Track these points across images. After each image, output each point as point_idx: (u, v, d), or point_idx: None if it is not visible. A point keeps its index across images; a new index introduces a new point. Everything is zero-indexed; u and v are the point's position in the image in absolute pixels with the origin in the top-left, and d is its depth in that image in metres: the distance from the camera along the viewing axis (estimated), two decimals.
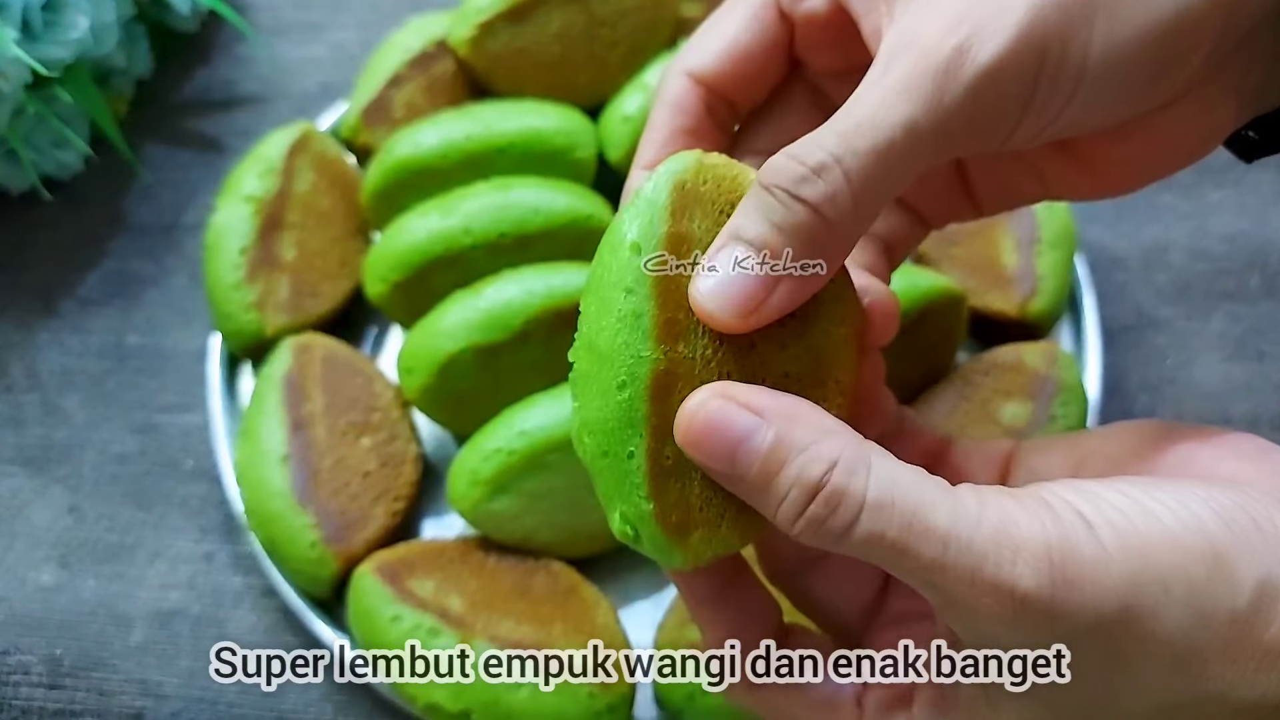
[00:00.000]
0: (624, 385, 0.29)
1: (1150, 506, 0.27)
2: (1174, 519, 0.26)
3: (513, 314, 0.54)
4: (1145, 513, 0.26)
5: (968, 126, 0.28)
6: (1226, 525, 0.26)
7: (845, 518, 0.26)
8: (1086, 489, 0.28)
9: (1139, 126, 0.32)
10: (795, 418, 0.27)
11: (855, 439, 0.28)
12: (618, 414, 0.29)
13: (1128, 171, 0.35)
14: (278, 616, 0.58)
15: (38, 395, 0.66)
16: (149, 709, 0.55)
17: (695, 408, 0.28)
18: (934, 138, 0.27)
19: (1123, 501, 0.27)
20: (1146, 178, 0.35)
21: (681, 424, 0.28)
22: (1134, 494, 0.27)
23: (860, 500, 0.26)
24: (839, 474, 0.26)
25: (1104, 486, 0.28)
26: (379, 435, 0.58)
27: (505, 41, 0.65)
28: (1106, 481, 0.28)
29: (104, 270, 0.71)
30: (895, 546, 0.26)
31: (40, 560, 0.60)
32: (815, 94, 0.38)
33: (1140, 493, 0.27)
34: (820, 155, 0.27)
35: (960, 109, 0.27)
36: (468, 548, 0.55)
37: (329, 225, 0.65)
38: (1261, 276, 0.66)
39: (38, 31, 0.63)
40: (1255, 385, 0.62)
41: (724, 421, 0.27)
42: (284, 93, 0.78)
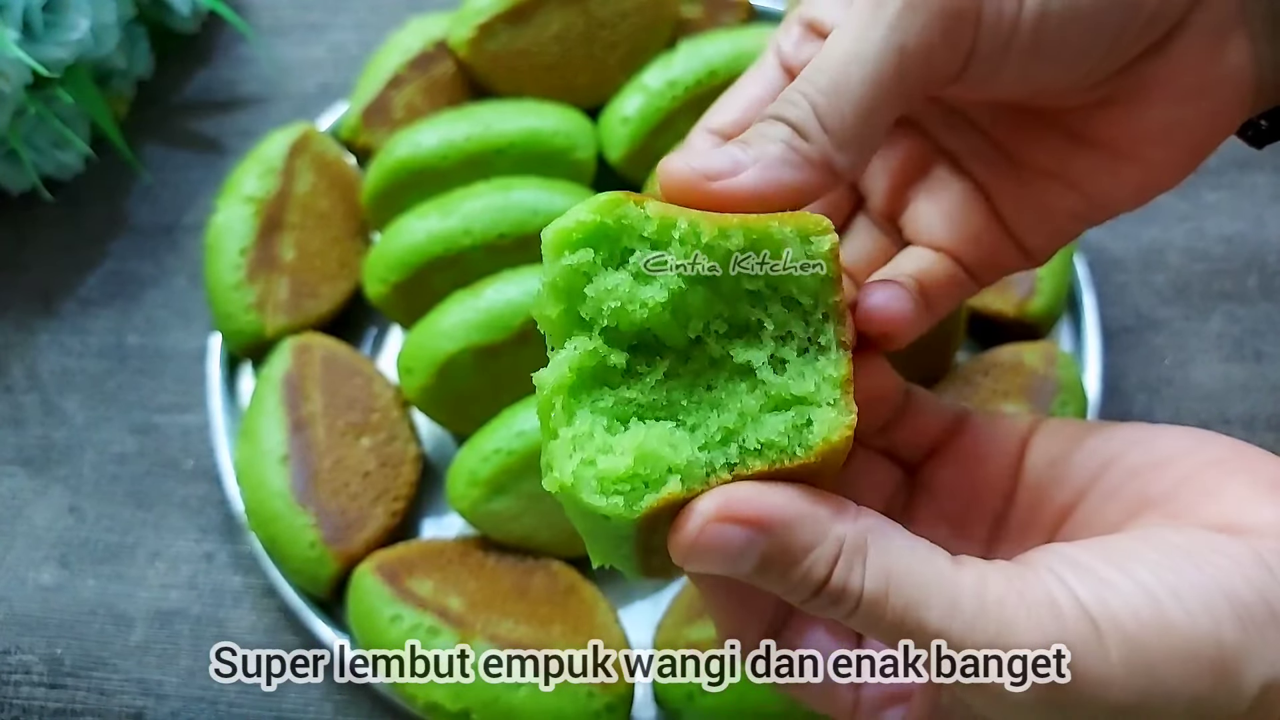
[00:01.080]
0: (619, 543, 0.31)
1: (1167, 607, 0.26)
2: (1190, 625, 0.25)
3: (512, 314, 0.54)
4: (1160, 616, 0.26)
5: (923, 49, 0.30)
6: (1243, 626, 0.26)
7: (845, 608, 0.28)
8: (1099, 573, 0.27)
9: (1139, 83, 0.32)
10: (793, 524, 0.28)
11: (853, 525, 0.28)
12: (608, 539, 0.31)
13: (1160, 145, 0.33)
14: (278, 616, 0.58)
15: (38, 395, 0.66)
16: (149, 709, 0.55)
17: (693, 533, 0.28)
18: (884, 56, 0.30)
19: (1137, 597, 0.26)
20: (1182, 150, 0.34)
21: (681, 547, 0.28)
22: (1153, 582, 0.26)
23: (858, 594, 0.27)
24: (839, 572, 0.27)
25: (1121, 569, 0.27)
26: (378, 435, 0.58)
27: (505, 42, 0.65)
28: (1128, 552, 0.27)
29: (104, 271, 0.71)
30: (892, 633, 0.27)
31: (40, 560, 0.60)
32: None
33: (1160, 580, 0.26)
34: (793, 95, 0.31)
35: (908, 31, 0.30)
36: (467, 548, 0.55)
37: (329, 226, 0.65)
38: (1259, 277, 0.66)
39: (38, 32, 0.63)
40: (1253, 385, 0.62)
41: (722, 544, 0.28)
42: (284, 93, 0.78)
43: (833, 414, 0.29)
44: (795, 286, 0.30)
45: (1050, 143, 0.36)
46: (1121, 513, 0.31)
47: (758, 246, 0.29)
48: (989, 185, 0.37)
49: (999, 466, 0.35)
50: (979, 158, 0.38)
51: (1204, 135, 0.34)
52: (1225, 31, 0.32)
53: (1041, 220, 0.37)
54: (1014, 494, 0.35)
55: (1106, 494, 0.32)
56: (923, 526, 0.36)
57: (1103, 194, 0.35)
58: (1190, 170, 0.35)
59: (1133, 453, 0.32)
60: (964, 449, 0.36)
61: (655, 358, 0.30)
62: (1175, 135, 0.34)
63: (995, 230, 0.37)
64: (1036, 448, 0.35)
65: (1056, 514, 0.33)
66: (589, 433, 0.29)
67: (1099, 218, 0.36)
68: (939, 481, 0.36)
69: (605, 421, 0.29)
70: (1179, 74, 0.32)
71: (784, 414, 0.30)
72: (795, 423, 0.29)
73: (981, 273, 0.37)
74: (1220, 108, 0.33)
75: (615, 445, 0.28)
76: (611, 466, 0.28)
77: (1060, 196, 0.36)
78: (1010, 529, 0.35)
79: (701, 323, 0.30)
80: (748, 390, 0.30)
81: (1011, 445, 0.35)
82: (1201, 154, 0.34)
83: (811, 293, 0.30)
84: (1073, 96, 0.34)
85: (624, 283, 0.29)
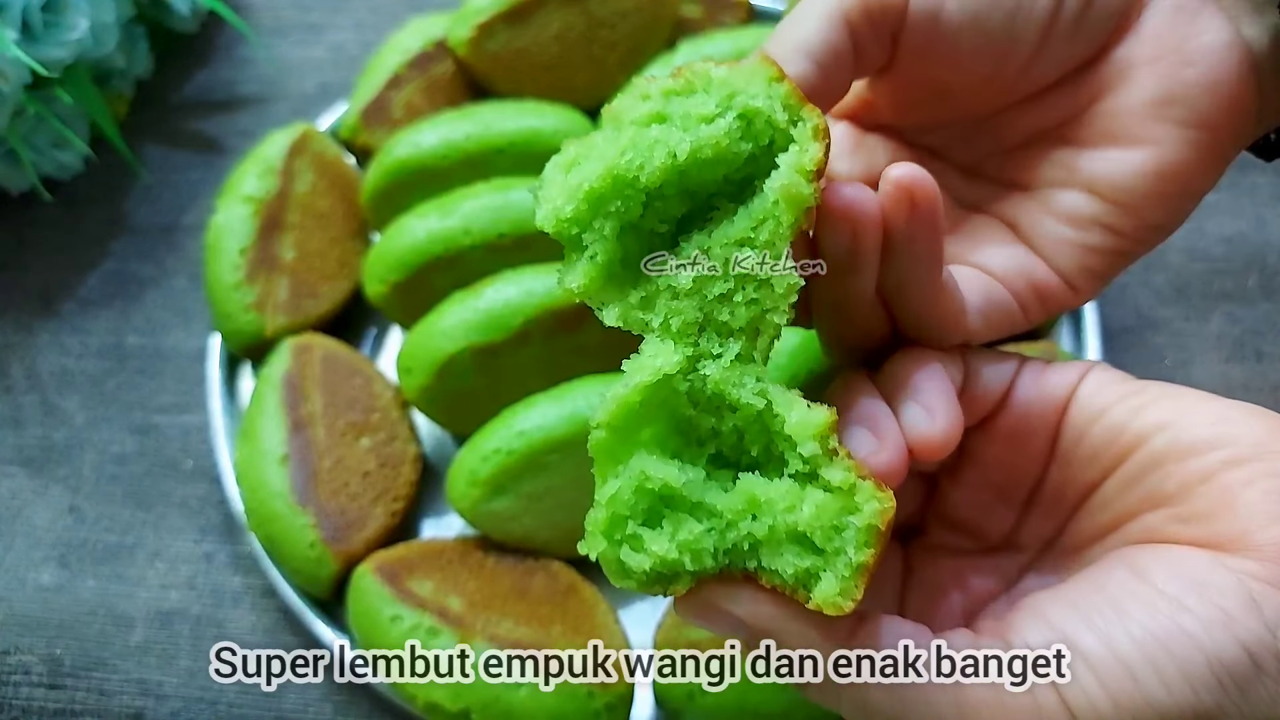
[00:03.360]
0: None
1: (1146, 685, 0.27)
2: (1167, 699, 0.27)
3: (512, 314, 0.54)
4: (1139, 695, 0.27)
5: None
6: (1223, 689, 0.26)
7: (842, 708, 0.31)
8: (1082, 646, 0.28)
9: (1120, 67, 0.34)
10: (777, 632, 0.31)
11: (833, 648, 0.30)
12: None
13: (1160, 121, 0.33)
14: (278, 616, 0.58)
15: (37, 396, 0.66)
16: (149, 709, 0.55)
17: (700, 619, 0.32)
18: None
19: (1117, 681, 0.27)
20: (1190, 125, 0.33)
21: (685, 614, 0.32)
22: (1134, 656, 0.27)
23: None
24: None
25: (1103, 639, 0.28)
26: (378, 435, 0.58)
27: (504, 42, 0.65)
28: (1114, 609, 0.28)
29: (104, 271, 0.71)
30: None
31: (40, 560, 0.60)
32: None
33: (1143, 651, 0.27)
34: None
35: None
36: (467, 548, 0.55)
37: (328, 226, 0.65)
38: (1259, 277, 0.66)
39: (38, 32, 0.63)
40: (1253, 385, 0.62)
41: (717, 620, 0.32)
42: (284, 93, 0.78)
43: (834, 590, 0.29)
44: (745, 95, 0.31)
45: (1056, 156, 0.36)
46: (1138, 502, 0.32)
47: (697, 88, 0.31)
48: (1014, 217, 0.38)
49: (1039, 442, 0.35)
50: (998, 198, 0.39)
51: (1208, 107, 0.33)
52: (1193, 6, 0.33)
53: (1069, 233, 0.36)
54: (1049, 464, 0.35)
55: (1127, 480, 0.32)
56: (968, 491, 0.37)
57: (1120, 189, 0.35)
58: (1218, 154, 0.34)
59: (1159, 438, 0.32)
60: (1010, 425, 0.35)
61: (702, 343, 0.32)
62: (1173, 109, 0.34)
63: (1029, 259, 0.37)
64: (1071, 418, 0.34)
65: (1080, 491, 0.34)
66: (624, 518, 0.31)
67: (1133, 227, 0.35)
68: (986, 455, 0.36)
69: (644, 505, 0.31)
70: (1156, 51, 0.33)
71: (803, 556, 0.30)
72: (810, 569, 0.30)
73: (1027, 305, 0.37)
74: (1217, 76, 0.33)
75: (646, 541, 0.31)
76: (636, 563, 0.30)
77: (1080, 204, 0.36)
78: (1043, 497, 0.36)
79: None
80: (788, 503, 0.31)
81: (1052, 414, 0.35)
82: (1217, 128, 0.34)
83: (765, 95, 0.31)
84: (1057, 100, 0.35)
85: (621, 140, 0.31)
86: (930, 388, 0.33)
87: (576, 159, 0.32)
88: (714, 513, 0.31)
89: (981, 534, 0.37)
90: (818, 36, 0.33)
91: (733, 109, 0.31)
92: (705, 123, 0.31)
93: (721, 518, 0.31)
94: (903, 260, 0.32)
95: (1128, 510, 0.32)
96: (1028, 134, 0.37)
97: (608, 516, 0.31)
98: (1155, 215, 0.35)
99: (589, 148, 0.32)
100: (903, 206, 0.31)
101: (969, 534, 0.38)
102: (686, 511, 0.31)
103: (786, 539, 0.30)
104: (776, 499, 0.30)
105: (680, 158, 0.30)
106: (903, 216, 0.31)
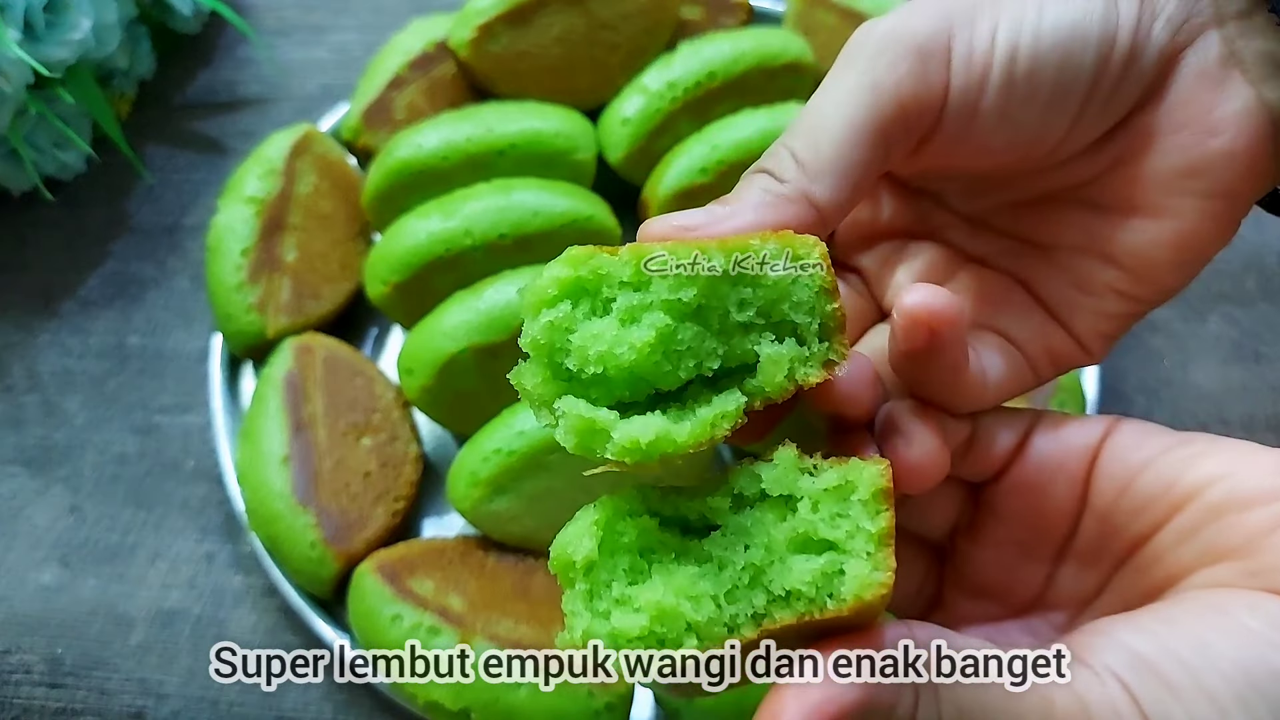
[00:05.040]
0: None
1: (1234, 716, 0.26)
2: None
3: (512, 314, 0.54)
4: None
5: (895, 89, 0.31)
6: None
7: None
8: (1162, 672, 0.27)
9: (1143, 136, 0.33)
10: (870, 701, 0.28)
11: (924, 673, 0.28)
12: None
13: (1182, 193, 0.33)
14: (278, 616, 0.58)
15: (38, 396, 0.66)
16: (149, 709, 0.55)
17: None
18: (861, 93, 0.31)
19: (1198, 705, 0.26)
20: (1211, 196, 0.33)
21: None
22: (1226, 693, 0.27)
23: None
24: (921, 714, 0.28)
25: (1187, 669, 0.27)
26: (379, 436, 0.58)
27: (506, 44, 0.65)
28: (1192, 651, 0.28)
29: (105, 271, 0.71)
30: None
31: (41, 560, 0.60)
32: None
33: (1214, 698, 0.27)
34: (774, 147, 0.32)
35: (888, 71, 0.31)
36: (468, 547, 0.55)
37: (330, 227, 0.65)
38: (1258, 279, 0.66)
39: (40, 32, 0.63)
40: (1251, 387, 0.62)
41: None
42: (286, 94, 0.78)
43: (866, 568, 0.27)
44: (788, 304, 0.29)
45: (1074, 218, 0.35)
46: (1198, 555, 0.30)
47: (742, 262, 0.29)
48: (1025, 275, 0.37)
49: (1065, 492, 0.34)
50: (1008, 254, 0.37)
51: (1231, 177, 0.33)
52: (1218, 74, 0.32)
53: (1085, 299, 0.36)
54: (1081, 516, 0.34)
55: (1183, 533, 0.31)
56: (990, 549, 0.35)
57: (1138, 258, 0.34)
58: (1234, 219, 0.34)
59: (1215, 489, 0.30)
60: (1029, 476, 0.34)
61: (651, 410, 0.29)
62: (1196, 181, 0.33)
63: (1047, 325, 0.36)
64: (1106, 468, 0.33)
65: (1126, 544, 0.33)
66: (608, 582, 0.28)
67: (1149, 293, 0.35)
68: (1005, 508, 0.35)
69: (628, 562, 0.28)
70: (1182, 119, 0.32)
71: (814, 559, 0.28)
72: (826, 569, 0.28)
73: (1041, 368, 0.37)
74: (1239, 145, 0.32)
75: (634, 598, 0.27)
76: (626, 626, 0.27)
77: (1097, 270, 0.35)
78: (1078, 550, 0.34)
79: (694, 360, 0.29)
80: (776, 520, 0.29)
81: (1078, 466, 0.34)
82: (1237, 197, 0.33)
83: (807, 308, 0.29)
84: (1078, 163, 0.34)
85: (609, 327, 0.28)
86: (907, 422, 0.33)
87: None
88: (703, 556, 0.29)
89: (1009, 595, 0.36)
90: (854, 156, 0.31)
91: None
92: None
93: (712, 560, 0.29)
94: (924, 368, 0.32)
95: (1185, 564, 0.31)
96: (1043, 192, 0.36)
97: (586, 589, 0.28)
98: (1170, 280, 0.35)
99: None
100: (920, 335, 0.30)
101: (995, 598, 0.36)
102: (672, 561, 0.29)
103: (789, 550, 0.28)
104: (766, 521, 0.29)
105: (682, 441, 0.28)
106: (922, 343, 0.30)
